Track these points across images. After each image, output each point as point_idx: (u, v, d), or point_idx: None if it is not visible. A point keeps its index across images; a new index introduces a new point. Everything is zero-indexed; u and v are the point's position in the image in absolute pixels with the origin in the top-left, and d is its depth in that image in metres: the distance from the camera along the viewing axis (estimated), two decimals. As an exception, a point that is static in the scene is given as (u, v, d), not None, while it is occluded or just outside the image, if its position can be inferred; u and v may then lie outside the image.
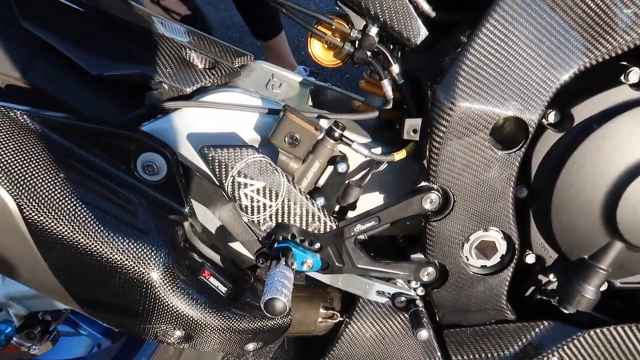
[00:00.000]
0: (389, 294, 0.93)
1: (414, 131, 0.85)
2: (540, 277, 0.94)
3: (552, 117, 0.82)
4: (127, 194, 0.78)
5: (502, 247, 0.89)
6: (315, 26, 0.93)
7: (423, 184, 0.86)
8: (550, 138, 0.82)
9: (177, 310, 0.77)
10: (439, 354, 0.99)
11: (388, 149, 0.94)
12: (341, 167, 0.86)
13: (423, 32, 0.87)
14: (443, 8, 0.87)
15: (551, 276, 0.92)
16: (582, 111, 0.79)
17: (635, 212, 0.77)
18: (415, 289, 0.96)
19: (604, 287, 0.90)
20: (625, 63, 0.78)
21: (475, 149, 0.81)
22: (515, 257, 0.89)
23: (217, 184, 0.84)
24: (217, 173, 0.82)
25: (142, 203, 0.78)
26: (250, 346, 0.89)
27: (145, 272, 0.75)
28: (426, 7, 0.86)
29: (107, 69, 0.87)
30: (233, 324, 0.83)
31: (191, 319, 0.79)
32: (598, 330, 0.89)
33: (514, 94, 0.78)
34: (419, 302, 0.93)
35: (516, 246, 0.88)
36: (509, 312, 0.95)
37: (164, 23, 0.98)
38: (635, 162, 0.76)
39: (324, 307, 1.02)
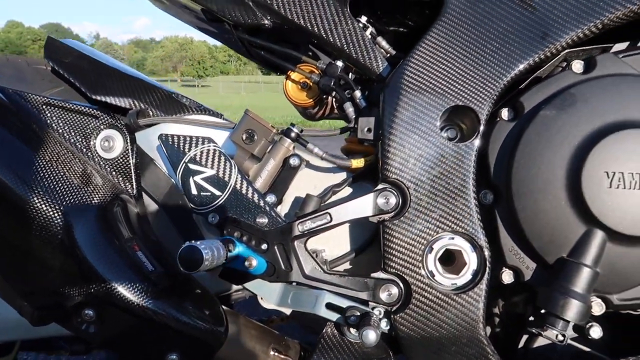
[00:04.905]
0: (341, 308, 0.79)
1: (368, 130, 0.86)
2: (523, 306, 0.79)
3: (505, 114, 0.81)
4: (77, 162, 0.80)
5: (471, 259, 0.78)
6: (290, 71, 1.04)
7: (379, 186, 0.82)
8: (503, 130, 0.80)
9: (91, 268, 0.70)
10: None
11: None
12: (293, 161, 0.86)
13: (382, 64, 0.95)
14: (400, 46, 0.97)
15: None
16: (530, 98, 0.79)
17: (601, 184, 0.69)
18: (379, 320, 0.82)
19: (601, 309, 0.74)
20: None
21: (426, 140, 0.80)
22: (488, 267, 0.77)
23: (171, 171, 0.85)
24: (172, 158, 0.84)
25: (87, 171, 0.79)
26: (173, 356, 0.75)
27: (68, 221, 0.72)
28: (386, 46, 0.97)
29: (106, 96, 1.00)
30: (153, 311, 0.73)
31: (105, 284, 0.71)
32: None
33: (461, 86, 0.80)
34: (375, 317, 0.78)
35: (486, 255, 0.77)
36: (492, 353, 0.77)
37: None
38: (591, 131, 0.72)
39: (276, 350, 0.87)
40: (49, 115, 0.84)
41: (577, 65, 0.79)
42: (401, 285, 0.80)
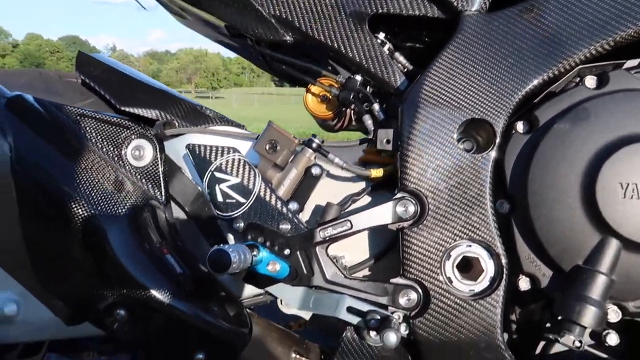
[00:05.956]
0: (361, 312, 0.82)
1: (387, 141, 0.89)
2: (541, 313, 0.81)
3: (520, 127, 0.84)
4: (110, 169, 0.84)
5: (488, 266, 0.81)
6: (310, 84, 1.08)
7: (398, 194, 0.85)
8: (518, 142, 0.82)
9: (124, 270, 0.74)
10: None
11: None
12: (315, 170, 0.89)
13: (400, 79, 0.98)
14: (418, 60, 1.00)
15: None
16: (545, 112, 0.81)
17: (615, 194, 0.71)
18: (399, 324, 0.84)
19: (617, 316, 0.76)
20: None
21: (444, 151, 0.83)
22: (505, 274, 0.79)
23: (198, 179, 0.89)
24: (199, 167, 0.88)
25: (119, 178, 0.84)
26: (200, 356, 0.78)
27: (102, 225, 0.76)
28: (403, 61, 1.00)
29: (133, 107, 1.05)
30: (182, 312, 0.77)
31: (137, 285, 0.74)
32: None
33: (478, 100, 0.83)
34: (395, 321, 0.81)
35: (503, 262, 0.80)
36: (509, 359, 0.79)
37: None
38: (604, 144, 0.74)
39: (297, 353, 0.89)
40: (82, 125, 0.89)
41: (590, 81, 0.81)
42: (420, 290, 0.83)
